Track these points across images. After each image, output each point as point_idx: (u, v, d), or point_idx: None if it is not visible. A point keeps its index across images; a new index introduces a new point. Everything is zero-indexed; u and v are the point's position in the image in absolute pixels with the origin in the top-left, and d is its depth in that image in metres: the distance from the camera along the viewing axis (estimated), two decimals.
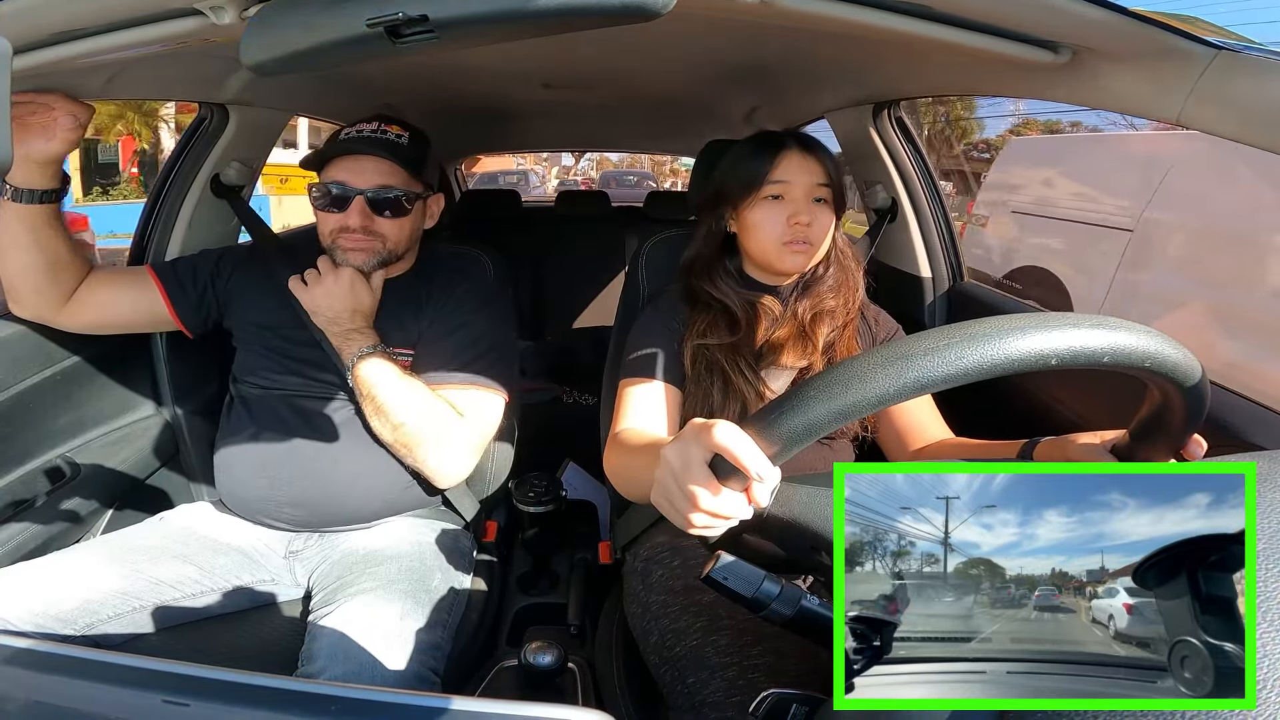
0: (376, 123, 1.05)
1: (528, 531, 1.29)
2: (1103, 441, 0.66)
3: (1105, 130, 4.67)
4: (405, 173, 1.04)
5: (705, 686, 0.74)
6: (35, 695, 0.48)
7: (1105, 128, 4.75)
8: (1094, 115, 5.56)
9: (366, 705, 0.48)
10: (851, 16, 0.71)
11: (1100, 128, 5.01)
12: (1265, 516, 0.34)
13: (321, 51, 0.54)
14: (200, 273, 1.14)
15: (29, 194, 0.94)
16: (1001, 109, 10.28)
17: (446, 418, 1.01)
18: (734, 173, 1.00)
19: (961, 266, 1.41)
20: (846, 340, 1.02)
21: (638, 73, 1.46)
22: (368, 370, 0.99)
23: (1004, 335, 0.39)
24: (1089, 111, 5.28)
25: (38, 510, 1.05)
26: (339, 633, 0.85)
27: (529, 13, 0.50)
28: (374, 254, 1.05)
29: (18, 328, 1.06)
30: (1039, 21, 0.71)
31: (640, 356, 0.98)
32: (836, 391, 0.41)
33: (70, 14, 0.67)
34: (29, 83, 0.86)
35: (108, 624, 0.88)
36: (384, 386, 0.99)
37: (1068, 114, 7.43)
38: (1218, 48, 0.63)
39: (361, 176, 1.02)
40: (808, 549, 0.49)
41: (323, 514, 1.04)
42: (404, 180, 1.05)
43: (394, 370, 1.00)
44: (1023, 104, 8.26)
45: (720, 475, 0.46)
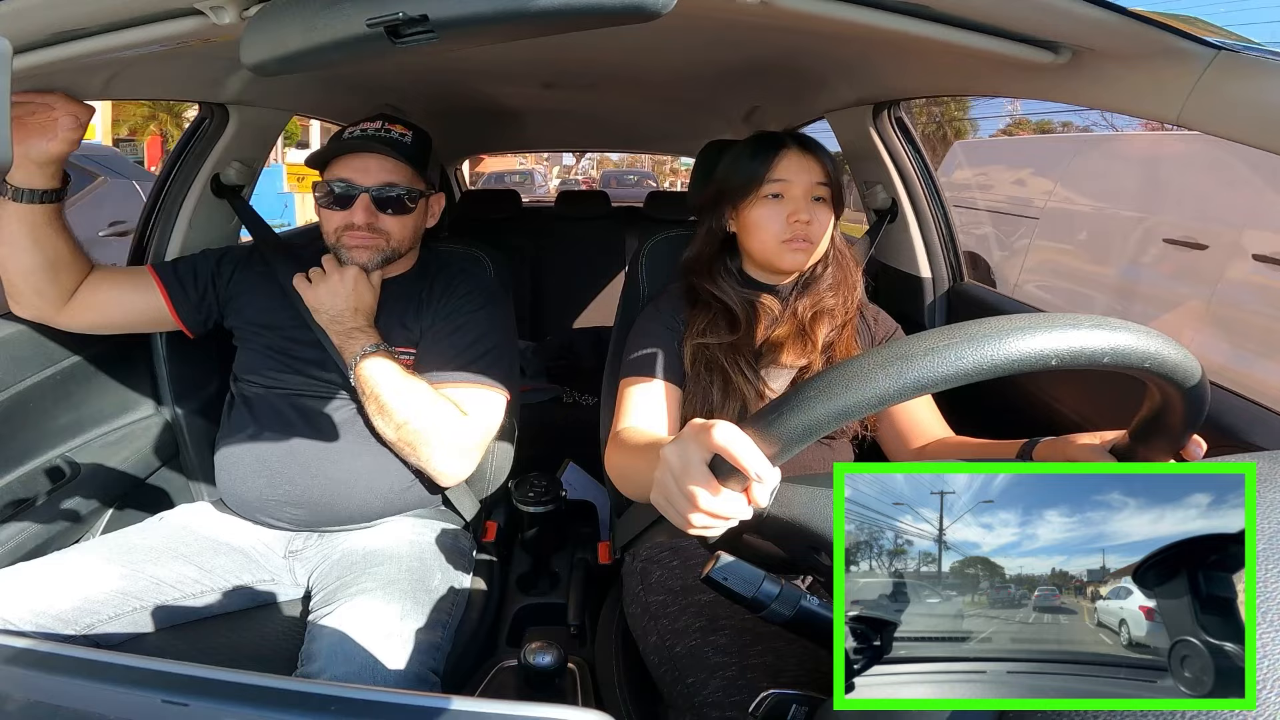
0: (380, 121, 1.06)
1: (528, 531, 1.29)
2: (1102, 442, 0.66)
3: (1095, 131, 5.37)
4: (409, 170, 1.05)
5: (705, 686, 0.74)
6: (35, 695, 0.48)
7: (1096, 128, 5.45)
8: (1089, 115, 5.83)
9: (366, 705, 0.48)
10: (851, 17, 0.71)
11: (1092, 128, 5.65)
12: (1265, 516, 0.34)
13: (321, 51, 0.54)
14: (201, 273, 1.14)
15: (29, 194, 0.94)
16: (996, 109, 10.38)
17: (449, 416, 1.01)
18: (733, 172, 1.01)
19: (961, 266, 1.41)
20: (846, 339, 1.02)
21: (638, 73, 1.46)
22: (370, 369, 0.99)
23: (1004, 336, 0.39)
24: (1082, 111, 5.53)
25: (38, 510, 1.05)
26: (339, 633, 0.85)
27: (529, 13, 0.50)
28: (378, 251, 1.06)
29: (18, 328, 1.06)
30: (1039, 22, 0.71)
31: (640, 356, 0.98)
32: (836, 392, 0.41)
33: (70, 14, 0.67)
34: (29, 83, 0.86)
35: (108, 623, 0.88)
36: (386, 385, 0.98)
37: (1059, 114, 7.61)
38: (1218, 48, 0.63)
39: (366, 174, 1.03)
40: (807, 549, 0.49)
41: (323, 513, 1.04)
42: (408, 178, 1.05)
43: (396, 369, 1.00)
44: (1020, 104, 8.33)
45: (720, 476, 0.46)
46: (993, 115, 9.99)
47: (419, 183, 1.07)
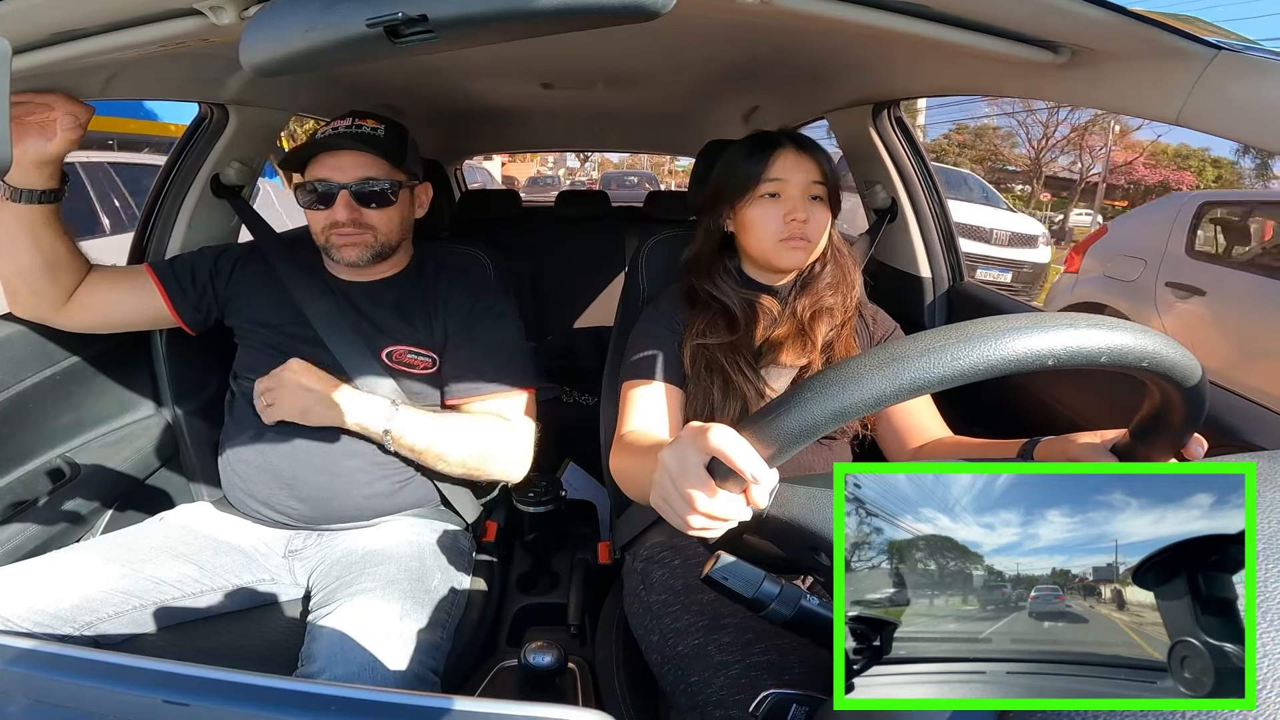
0: (350, 119, 1.07)
1: (528, 532, 1.29)
2: (1103, 441, 0.66)
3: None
4: (385, 163, 1.06)
5: (709, 685, 0.74)
6: (35, 695, 0.48)
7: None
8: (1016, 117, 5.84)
9: (366, 705, 0.48)
10: (851, 16, 0.71)
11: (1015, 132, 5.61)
12: (1265, 516, 0.34)
13: (321, 51, 0.54)
14: (199, 271, 1.14)
15: (28, 194, 0.94)
16: (945, 114, 10.46)
17: (497, 432, 1.05)
18: (730, 172, 1.01)
19: (961, 266, 1.41)
20: (845, 338, 1.02)
21: (638, 72, 1.46)
22: (404, 435, 1.00)
23: (1001, 336, 0.39)
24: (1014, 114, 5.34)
25: (38, 510, 1.05)
26: (339, 632, 0.85)
27: (529, 13, 0.50)
28: (367, 247, 1.06)
29: (18, 328, 1.06)
30: (1039, 21, 0.71)
31: (641, 358, 0.98)
32: (833, 393, 0.41)
33: (70, 14, 0.67)
34: (29, 83, 0.86)
35: (107, 623, 0.88)
36: (429, 440, 1.01)
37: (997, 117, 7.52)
38: (1218, 48, 0.62)
39: (342, 171, 1.04)
40: (807, 549, 0.49)
41: (323, 510, 1.05)
42: (386, 171, 1.06)
43: (426, 418, 1.02)
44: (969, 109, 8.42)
45: (717, 478, 0.46)
46: (938, 121, 9.98)
47: (398, 174, 1.08)
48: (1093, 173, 18.44)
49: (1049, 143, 18.82)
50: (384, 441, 1.01)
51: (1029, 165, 19.58)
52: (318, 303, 1.09)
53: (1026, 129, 19.12)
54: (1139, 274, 3.70)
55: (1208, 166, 18.69)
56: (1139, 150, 18.58)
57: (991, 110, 19.11)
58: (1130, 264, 3.78)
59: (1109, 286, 3.88)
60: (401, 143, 1.09)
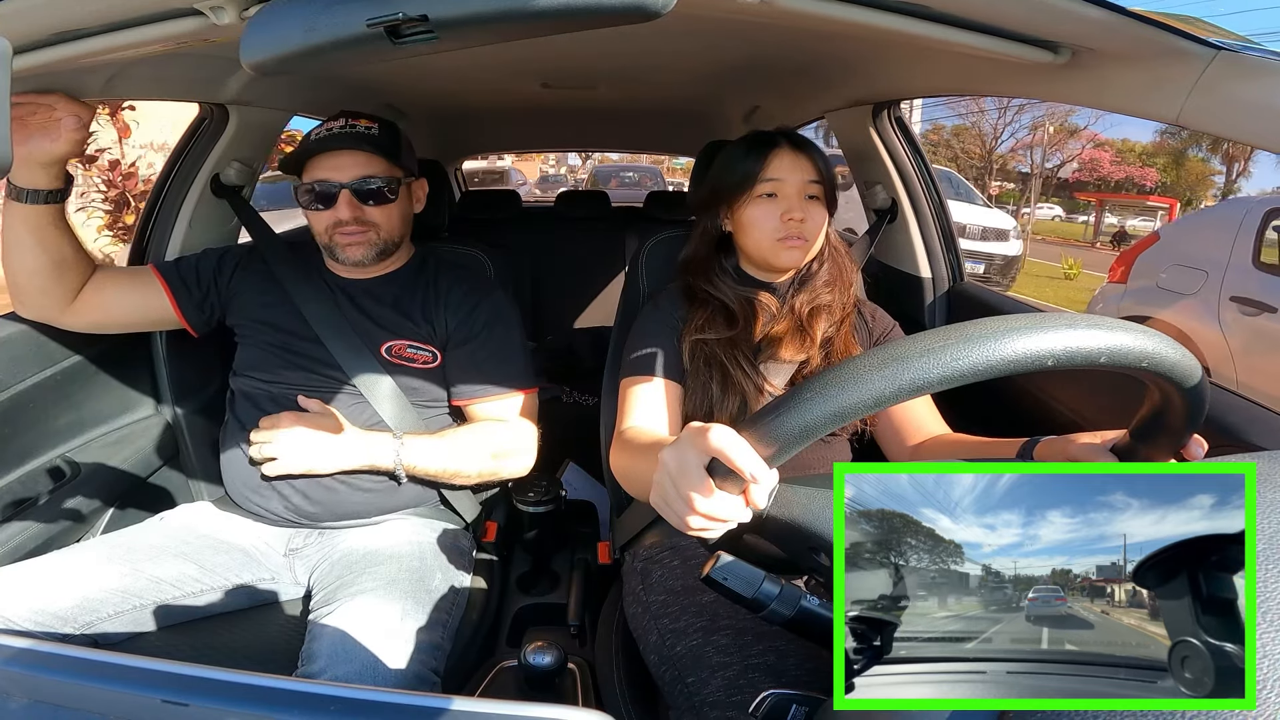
0: (343, 119, 1.07)
1: (528, 532, 1.29)
2: (1103, 441, 0.66)
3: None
4: (383, 160, 1.06)
5: (706, 686, 0.74)
6: (35, 695, 0.48)
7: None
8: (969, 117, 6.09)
9: (366, 705, 0.48)
10: (851, 17, 0.71)
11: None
12: (1265, 516, 0.33)
13: (321, 51, 0.54)
14: (203, 272, 1.15)
15: (33, 194, 0.94)
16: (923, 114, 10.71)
17: (502, 436, 1.08)
18: (728, 172, 1.01)
19: (961, 266, 1.41)
20: (844, 335, 1.03)
21: (638, 73, 1.46)
22: (416, 465, 1.03)
23: (1000, 336, 0.39)
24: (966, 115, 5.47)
25: (38, 510, 1.05)
26: (339, 632, 0.85)
27: (529, 13, 0.50)
28: (371, 245, 1.07)
29: (18, 327, 1.06)
30: (1039, 22, 0.71)
31: (641, 355, 0.99)
32: (833, 393, 0.41)
33: (70, 14, 0.67)
34: (29, 83, 0.86)
35: (108, 622, 0.88)
36: (441, 464, 1.04)
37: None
38: (1218, 48, 0.63)
39: (341, 171, 1.04)
40: (807, 550, 0.49)
41: (324, 507, 1.05)
42: (383, 168, 1.07)
43: (433, 445, 1.04)
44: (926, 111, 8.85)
45: (717, 478, 0.46)
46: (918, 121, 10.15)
47: (395, 171, 1.09)
48: (1047, 166, 19.22)
49: (998, 142, 19.84)
50: (398, 476, 1.03)
51: (983, 160, 20.56)
52: (316, 303, 1.09)
53: (979, 129, 20.18)
54: (1199, 287, 3.37)
55: (1170, 165, 19.85)
56: (1111, 147, 19.53)
57: (948, 112, 20.13)
58: (1188, 275, 3.44)
59: (1163, 299, 3.53)
60: (396, 139, 1.10)
